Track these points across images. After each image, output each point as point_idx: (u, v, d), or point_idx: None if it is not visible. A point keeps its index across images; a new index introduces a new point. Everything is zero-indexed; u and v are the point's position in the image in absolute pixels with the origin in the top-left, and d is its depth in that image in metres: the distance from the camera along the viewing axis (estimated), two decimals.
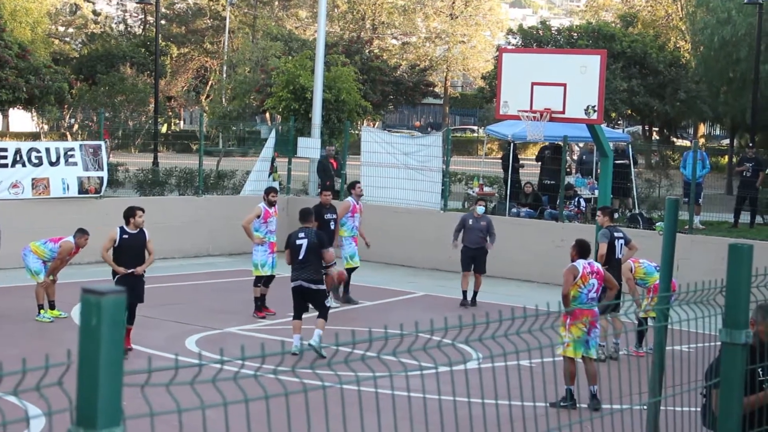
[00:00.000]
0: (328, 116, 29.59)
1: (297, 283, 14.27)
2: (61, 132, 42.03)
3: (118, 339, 2.61)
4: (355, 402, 3.96)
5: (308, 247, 14.20)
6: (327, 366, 3.60)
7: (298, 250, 14.24)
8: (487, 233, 18.85)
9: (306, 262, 14.18)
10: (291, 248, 14.33)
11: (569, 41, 43.39)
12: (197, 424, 3.47)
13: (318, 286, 14.23)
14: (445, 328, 3.75)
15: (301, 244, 14.26)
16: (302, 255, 14.19)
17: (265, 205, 17.37)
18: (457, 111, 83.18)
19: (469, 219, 18.98)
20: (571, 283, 12.20)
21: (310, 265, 14.18)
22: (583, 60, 20.44)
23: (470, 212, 19.63)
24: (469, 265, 18.80)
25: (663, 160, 35.91)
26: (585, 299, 12.16)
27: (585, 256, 12.43)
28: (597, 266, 12.53)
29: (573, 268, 12.29)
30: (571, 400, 11.86)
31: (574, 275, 12.22)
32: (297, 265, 14.26)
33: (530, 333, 4.20)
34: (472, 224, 18.84)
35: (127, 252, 14.25)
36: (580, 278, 12.19)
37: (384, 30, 68.80)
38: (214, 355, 13.41)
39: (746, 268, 4.68)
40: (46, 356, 2.82)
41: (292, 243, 14.35)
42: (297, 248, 14.26)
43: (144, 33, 62.21)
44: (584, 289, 12.21)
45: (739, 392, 4.65)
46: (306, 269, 14.18)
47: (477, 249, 18.78)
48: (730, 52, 39.31)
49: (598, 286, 12.40)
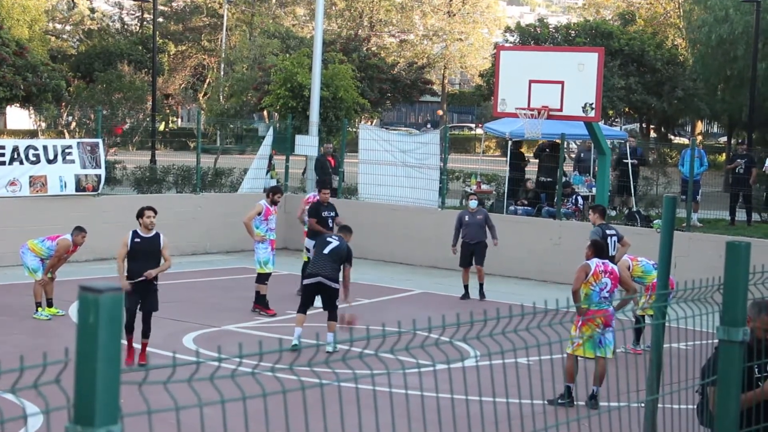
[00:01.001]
0: (326, 114, 29.59)
1: (316, 279, 14.09)
2: (58, 130, 42.01)
3: (116, 336, 2.61)
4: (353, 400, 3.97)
5: (336, 249, 14.20)
6: (325, 364, 3.60)
7: (325, 246, 14.25)
8: (485, 227, 18.91)
9: (329, 260, 14.14)
10: (318, 245, 14.42)
11: (567, 39, 43.39)
12: (195, 421, 3.47)
13: (335, 285, 14.14)
14: (443, 326, 3.75)
15: (330, 242, 14.34)
16: (327, 251, 14.18)
17: (266, 203, 17.37)
18: (454, 109, 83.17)
19: (465, 215, 19.04)
20: (582, 280, 12.19)
21: (332, 264, 14.14)
22: (581, 58, 20.46)
23: (465, 209, 19.68)
24: (468, 261, 18.86)
25: (660, 157, 35.91)
26: (597, 298, 12.13)
27: (601, 256, 12.41)
28: (612, 266, 12.48)
29: (586, 265, 12.30)
30: (569, 397, 11.86)
31: (586, 272, 12.21)
32: (318, 260, 14.21)
33: (528, 331, 4.20)
34: (468, 220, 18.92)
35: (140, 258, 13.11)
36: (591, 276, 12.17)
37: (381, 28, 68.77)
38: (211, 352, 13.42)
39: (744, 265, 4.68)
40: (43, 354, 2.82)
41: (322, 240, 14.48)
42: (325, 244, 14.30)
43: (141, 30, 62.16)
44: (596, 287, 12.19)
45: (736, 390, 4.65)
46: (327, 267, 14.11)
47: (476, 243, 18.87)
48: (728, 50, 39.34)
49: (612, 286, 12.35)
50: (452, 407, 5.02)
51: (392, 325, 15.38)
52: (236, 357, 3.13)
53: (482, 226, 18.90)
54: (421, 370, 4.04)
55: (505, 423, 5.46)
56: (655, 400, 5.74)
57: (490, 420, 6.64)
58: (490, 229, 18.94)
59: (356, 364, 3.64)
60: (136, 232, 13.32)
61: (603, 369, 11.95)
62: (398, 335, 3.58)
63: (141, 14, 65.58)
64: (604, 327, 12.02)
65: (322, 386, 3.58)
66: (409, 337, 3.86)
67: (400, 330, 3.59)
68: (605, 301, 12.19)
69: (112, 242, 22.14)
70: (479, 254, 18.90)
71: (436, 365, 4.18)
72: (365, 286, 19.69)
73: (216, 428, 4.07)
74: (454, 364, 4.40)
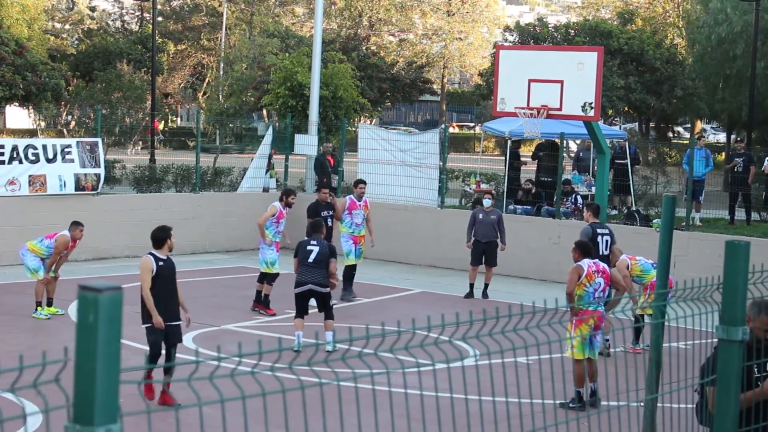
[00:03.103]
0: (325, 113, 29.57)
1: (306, 288, 14.30)
2: (57, 129, 42.00)
3: (115, 336, 2.61)
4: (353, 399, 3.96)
5: (319, 255, 14.32)
6: (324, 363, 3.60)
7: (308, 255, 14.35)
8: (498, 227, 18.92)
9: (315, 267, 14.28)
10: (301, 255, 14.43)
11: (566, 38, 43.38)
12: (194, 421, 3.47)
13: (325, 289, 14.34)
14: (443, 325, 3.75)
15: (312, 250, 14.39)
16: (312, 259, 14.30)
17: (281, 205, 17.38)
18: (454, 108, 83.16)
19: (480, 213, 19.05)
20: (575, 282, 12.19)
21: (319, 271, 14.28)
22: (580, 57, 20.45)
23: (478, 207, 19.69)
24: (480, 259, 18.87)
25: (660, 157, 35.89)
26: (591, 298, 12.14)
27: (588, 256, 12.41)
28: (603, 266, 12.51)
29: (578, 267, 12.29)
30: (580, 402, 11.84)
31: (579, 274, 12.21)
32: (305, 270, 14.34)
33: (527, 330, 4.20)
34: (482, 218, 18.92)
35: (163, 285, 11.35)
36: (585, 277, 12.17)
37: (381, 27, 68.76)
38: (211, 352, 13.42)
39: (743, 265, 4.68)
40: (43, 353, 2.82)
41: (303, 249, 14.46)
42: (307, 254, 14.37)
43: (141, 30, 62.13)
44: (590, 288, 12.19)
45: (736, 389, 4.65)
46: (315, 274, 14.27)
47: (488, 243, 18.88)
48: (727, 50, 39.34)
49: (605, 285, 12.37)
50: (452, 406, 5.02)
51: (391, 325, 15.41)
52: (236, 356, 3.13)
53: (495, 225, 18.91)
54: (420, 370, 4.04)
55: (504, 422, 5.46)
56: (654, 399, 5.75)
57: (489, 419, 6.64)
58: (500, 231, 18.94)
59: (356, 363, 3.64)
60: (155, 254, 11.42)
61: (593, 367, 12.07)
62: (397, 334, 3.58)
63: (140, 13, 65.57)
64: (594, 329, 12.05)
65: (322, 385, 3.58)
66: (409, 337, 3.86)
67: (400, 329, 3.59)
68: (599, 301, 12.21)
69: (111, 242, 22.22)
70: (491, 254, 18.91)
71: (435, 364, 4.18)
72: (365, 285, 19.69)
73: (215, 427, 4.07)
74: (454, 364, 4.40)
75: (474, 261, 18.94)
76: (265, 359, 3.26)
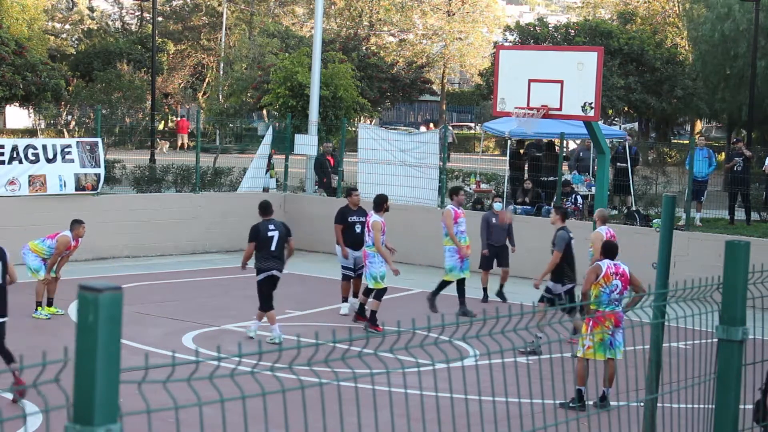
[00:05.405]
0: (326, 113, 29.58)
1: (270, 273, 14.64)
2: (57, 129, 42.01)
3: (115, 336, 2.61)
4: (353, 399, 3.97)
5: (279, 239, 14.62)
6: (324, 363, 3.60)
7: (270, 242, 14.57)
8: (508, 230, 18.93)
9: (277, 252, 14.64)
10: (260, 240, 14.60)
11: (566, 38, 43.39)
12: (194, 421, 3.47)
13: (281, 274, 14.85)
14: (442, 325, 3.75)
15: (272, 236, 14.61)
16: (274, 246, 14.60)
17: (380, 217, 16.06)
18: (454, 108, 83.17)
19: (492, 218, 19.00)
20: (591, 281, 12.10)
21: (280, 255, 14.68)
22: (580, 57, 20.44)
23: (489, 211, 19.61)
24: (491, 263, 18.85)
25: (660, 157, 35.90)
26: (607, 300, 12.08)
27: (611, 257, 12.35)
28: (623, 268, 12.26)
29: (597, 267, 12.21)
30: (580, 401, 11.76)
31: (597, 274, 12.12)
32: (268, 255, 14.61)
33: (527, 330, 4.20)
34: (495, 222, 18.90)
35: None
36: (602, 278, 12.09)
37: (381, 27, 68.77)
38: (210, 352, 13.41)
39: (743, 265, 4.68)
40: (43, 353, 2.82)
41: (263, 235, 14.62)
42: (269, 240, 14.58)
43: (141, 30, 62.13)
44: (606, 290, 12.10)
45: (736, 389, 4.65)
46: (277, 259, 14.65)
47: (500, 247, 18.90)
48: (729, 48, 39.29)
49: (623, 288, 12.25)
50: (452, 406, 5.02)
51: (391, 325, 15.40)
52: (235, 356, 3.13)
53: (506, 229, 18.94)
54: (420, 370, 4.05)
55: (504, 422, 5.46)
56: (654, 399, 5.75)
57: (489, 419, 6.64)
58: (509, 234, 18.95)
59: (356, 363, 3.64)
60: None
61: (613, 370, 11.87)
62: (397, 334, 3.58)
63: (140, 13, 65.56)
64: (614, 327, 11.94)
65: (322, 385, 3.58)
66: (409, 336, 3.86)
67: (400, 329, 3.59)
68: (615, 302, 12.09)
69: (111, 242, 22.22)
70: (503, 256, 18.92)
71: (435, 364, 4.18)
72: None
73: (215, 427, 4.07)
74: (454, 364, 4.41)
75: (486, 265, 18.89)
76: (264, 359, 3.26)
